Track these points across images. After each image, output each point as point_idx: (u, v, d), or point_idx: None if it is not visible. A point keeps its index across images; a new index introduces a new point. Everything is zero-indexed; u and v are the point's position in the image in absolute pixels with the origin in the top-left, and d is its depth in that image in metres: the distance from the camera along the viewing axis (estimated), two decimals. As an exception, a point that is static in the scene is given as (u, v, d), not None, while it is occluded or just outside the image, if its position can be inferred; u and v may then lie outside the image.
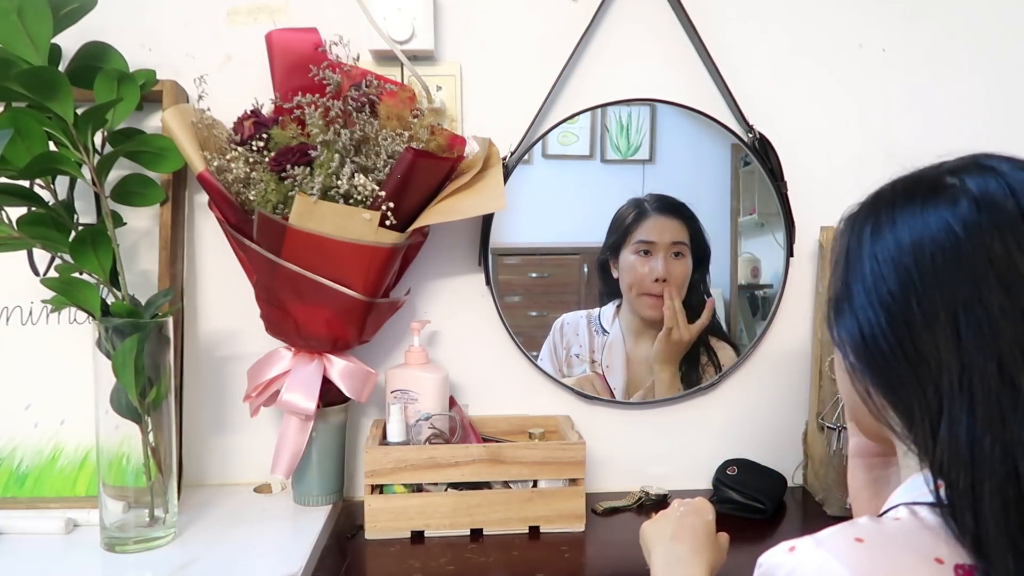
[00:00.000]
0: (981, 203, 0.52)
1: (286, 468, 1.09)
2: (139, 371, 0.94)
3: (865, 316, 0.55)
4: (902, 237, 0.54)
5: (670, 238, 1.19)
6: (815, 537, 0.51)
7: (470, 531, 1.05)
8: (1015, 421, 0.47)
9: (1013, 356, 0.48)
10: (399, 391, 1.11)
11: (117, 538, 0.97)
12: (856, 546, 0.49)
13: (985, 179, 0.53)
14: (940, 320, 0.51)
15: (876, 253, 0.55)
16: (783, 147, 1.19)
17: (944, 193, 0.54)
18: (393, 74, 1.13)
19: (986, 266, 0.50)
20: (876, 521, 0.52)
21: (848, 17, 1.22)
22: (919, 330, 0.52)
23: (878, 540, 0.49)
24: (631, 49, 1.20)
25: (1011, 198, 0.52)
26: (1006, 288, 0.50)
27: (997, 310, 0.49)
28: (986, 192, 0.53)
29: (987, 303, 0.50)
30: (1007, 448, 0.47)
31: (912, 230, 0.54)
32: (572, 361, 1.21)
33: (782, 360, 1.25)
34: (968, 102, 1.24)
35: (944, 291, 0.51)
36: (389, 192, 0.99)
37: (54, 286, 0.98)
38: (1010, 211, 0.52)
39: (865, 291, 0.56)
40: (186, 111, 1.06)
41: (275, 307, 1.07)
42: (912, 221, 0.54)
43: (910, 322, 0.52)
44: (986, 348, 0.49)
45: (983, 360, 0.49)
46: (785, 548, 0.52)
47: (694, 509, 0.81)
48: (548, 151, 1.19)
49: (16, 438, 1.08)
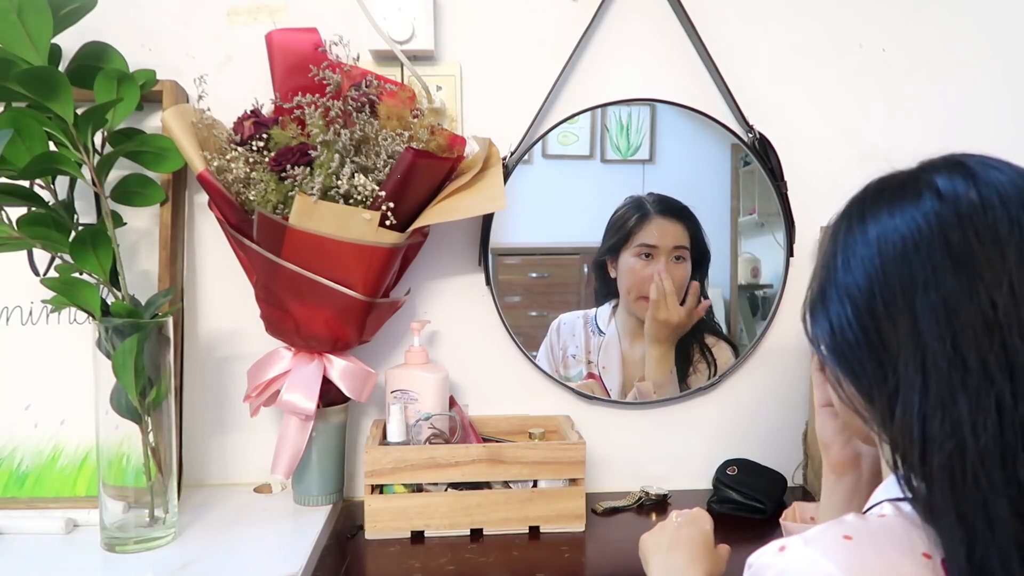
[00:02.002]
0: (945, 196, 0.54)
1: (286, 468, 1.09)
2: (139, 371, 0.94)
3: (835, 310, 0.57)
4: (870, 234, 0.56)
5: (672, 242, 1.19)
6: (803, 536, 0.51)
7: (470, 531, 1.05)
8: (964, 399, 0.49)
9: (966, 337, 0.50)
10: (399, 391, 1.11)
11: (117, 538, 0.97)
12: (845, 544, 0.49)
13: (952, 175, 0.55)
14: (899, 306, 0.53)
15: (847, 252, 0.57)
16: (783, 147, 1.19)
17: (911, 190, 0.56)
18: (393, 74, 1.14)
19: (943, 252, 0.52)
20: (862, 518, 0.53)
21: (848, 17, 1.22)
22: (881, 318, 0.54)
23: (866, 537, 0.50)
24: (631, 49, 1.19)
25: (973, 189, 0.53)
26: (961, 273, 0.51)
27: (951, 294, 0.51)
28: (950, 186, 0.54)
29: (943, 288, 0.51)
30: (956, 424, 0.49)
31: (879, 226, 0.56)
32: (569, 362, 1.21)
33: (782, 360, 1.25)
34: (968, 102, 1.24)
35: (903, 278, 0.53)
36: (389, 192, 0.99)
37: (54, 286, 0.98)
38: (971, 201, 0.53)
39: (836, 288, 0.58)
40: (186, 111, 1.06)
41: (275, 307, 1.07)
42: (880, 218, 0.56)
43: (873, 311, 0.54)
44: (941, 330, 0.50)
45: (937, 342, 0.50)
46: (774, 548, 0.52)
47: (691, 519, 0.82)
48: (548, 151, 1.19)
49: (16, 438, 1.08)
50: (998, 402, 0.48)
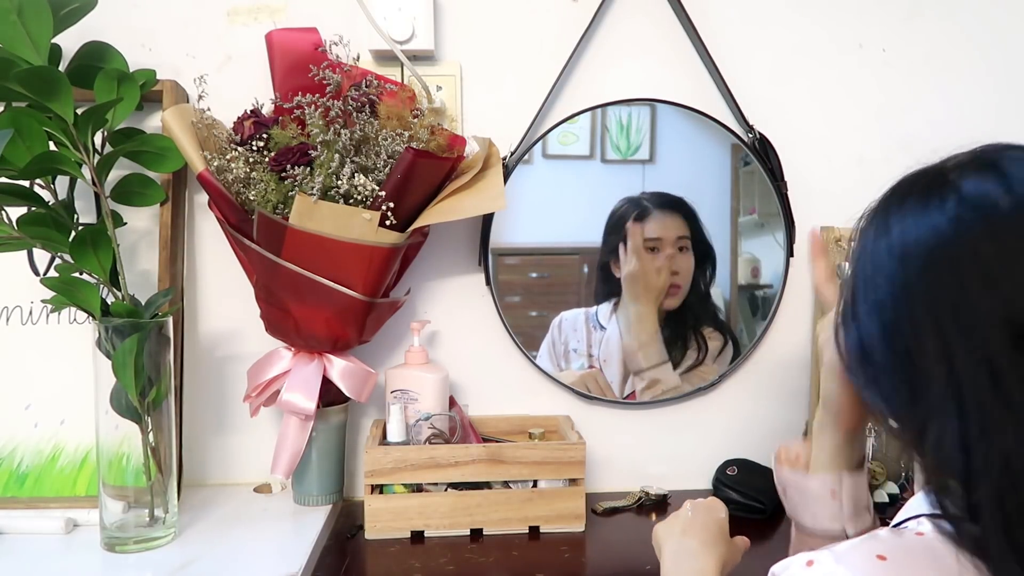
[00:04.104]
0: (972, 202, 0.49)
1: (286, 468, 1.09)
2: (139, 371, 0.95)
3: (863, 327, 0.54)
4: (895, 242, 0.52)
5: (675, 233, 1.20)
6: (834, 551, 0.49)
7: (470, 531, 1.05)
8: (1013, 431, 0.45)
9: (1001, 363, 0.46)
10: (399, 391, 1.11)
11: (117, 538, 0.97)
12: (879, 564, 0.47)
13: (982, 175, 0.51)
14: (927, 327, 0.49)
15: (874, 261, 0.54)
16: (783, 147, 1.19)
17: (936, 193, 0.51)
18: (393, 74, 1.14)
19: (971, 267, 0.48)
20: (898, 535, 0.50)
21: (848, 17, 1.22)
22: (908, 338, 0.50)
23: (901, 558, 0.47)
24: (631, 49, 1.20)
25: (1004, 192, 0.49)
26: (992, 291, 0.47)
27: (982, 315, 0.47)
28: (979, 189, 0.50)
29: (973, 308, 0.47)
30: (1005, 457, 0.45)
31: (904, 234, 0.52)
32: (570, 356, 1.21)
33: (782, 360, 1.25)
34: (968, 102, 1.24)
35: (929, 296, 0.49)
36: (389, 192, 0.99)
37: (54, 286, 0.98)
38: (1002, 207, 0.48)
39: (864, 300, 0.54)
40: (186, 111, 1.06)
41: (275, 307, 1.07)
42: (905, 224, 0.52)
43: (900, 330, 0.51)
44: (975, 355, 0.47)
45: (972, 368, 0.47)
46: (802, 562, 0.50)
47: (706, 507, 0.80)
48: (548, 151, 1.19)
49: (16, 438, 1.07)
50: None
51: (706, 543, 0.74)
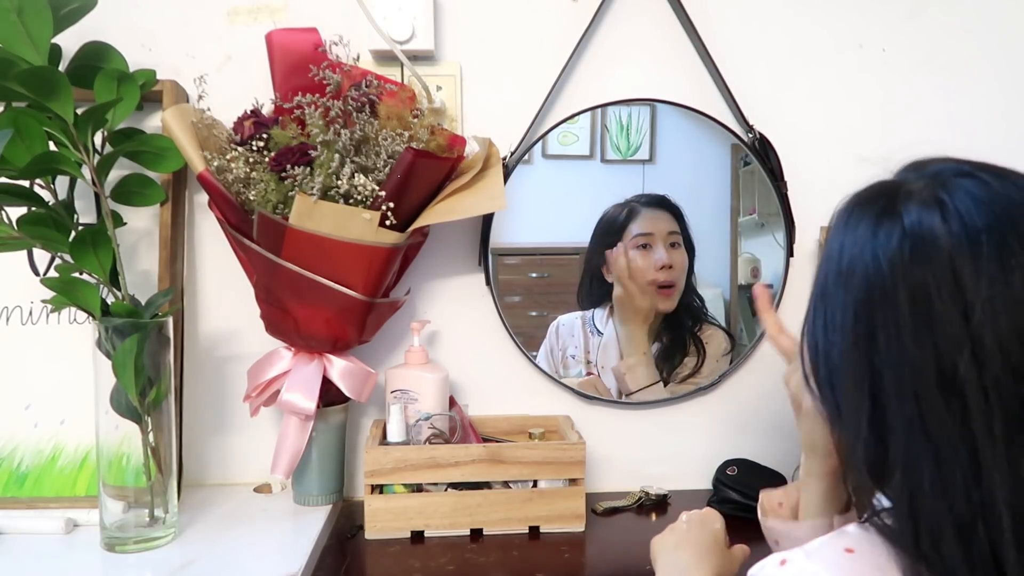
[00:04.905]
0: (910, 231, 0.50)
1: (286, 468, 1.09)
2: (139, 371, 0.94)
3: (811, 339, 0.57)
4: (843, 262, 0.54)
5: (666, 228, 1.19)
6: (805, 549, 0.51)
7: (470, 531, 1.05)
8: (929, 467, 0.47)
9: (927, 403, 0.48)
10: (399, 391, 1.11)
11: (117, 538, 0.97)
12: (847, 557, 0.49)
13: (924, 197, 0.51)
14: (856, 356, 0.51)
15: (826, 278, 0.56)
16: (783, 147, 1.19)
17: (885, 213, 0.52)
18: (393, 74, 1.13)
19: (904, 303, 0.49)
20: (865, 529, 0.52)
21: (848, 17, 1.22)
22: (841, 361, 0.53)
23: (868, 550, 0.50)
24: (631, 49, 1.19)
25: (941, 220, 0.49)
26: (921, 331, 0.48)
27: (911, 355, 0.48)
28: (918, 218, 0.50)
29: (901, 347, 0.49)
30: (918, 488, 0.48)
31: (851, 256, 0.53)
32: (568, 362, 1.21)
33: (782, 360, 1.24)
34: (968, 102, 1.24)
35: (866, 326, 0.51)
36: (389, 192, 0.99)
37: (54, 286, 0.98)
38: (936, 239, 0.48)
39: (816, 314, 0.57)
40: (186, 111, 1.06)
41: (275, 307, 1.07)
42: (855, 242, 0.53)
43: (837, 353, 0.53)
44: (901, 391, 0.49)
45: (895, 401, 0.49)
46: (776, 561, 0.51)
47: (700, 520, 0.81)
48: (548, 151, 1.19)
49: (16, 438, 1.07)
50: (963, 479, 0.46)
51: (699, 557, 0.75)
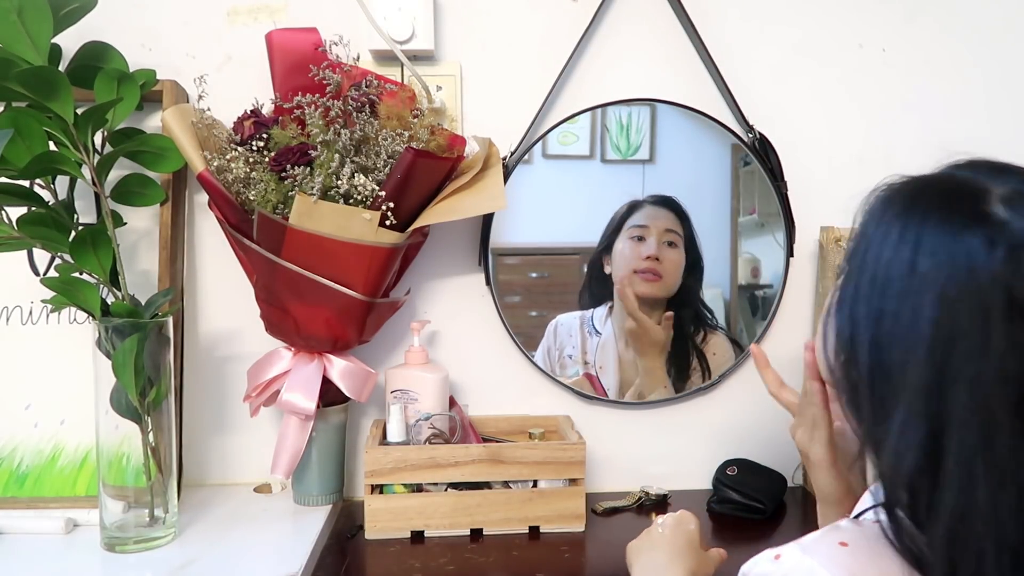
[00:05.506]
0: (1012, 237, 0.46)
1: (286, 468, 1.09)
2: (139, 371, 0.94)
3: (859, 330, 0.52)
4: (916, 258, 0.48)
5: (664, 224, 1.19)
6: (799, 544, 0.51)
7: (470, 531, 1.05)
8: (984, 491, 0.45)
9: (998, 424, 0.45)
10: (399, 391, 1.11)
11: (117, 538, 0.97)
12: (841, 551, 0.49)
13: (1021, 202, 0.47)
14: (925, 358, 0.47)
15: (888, 267, 0.50)
16: (783, 147, 1.19)
17: (968, 211, 0.48)
18: (393, 74, 1.14)
19: (1003, 317, 0.45)
20: (857, 523, 0.53)
21: (848, 17, 1.22)
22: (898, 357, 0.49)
23: (862, 543, 0.50)
24: (631, 49, 1.20)
25: None
26: (1016, 343, 0.45)
27: (998, 372, 0.45)
28: (1020, 223, 0.46)
29: (989, 361, 0.45)
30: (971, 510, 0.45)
31: (934, 255, 0.48)
32: (565, 362, 1.21)
33: (782, 360, 1.23)
34: (968, 102, 1.24)
35: (942, 328, 0.47)
36: (389, 192, 0.99)
37: (54, 286, 0.98)
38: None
39: (867, 303, 0.51)
40: (186, 111, 1.06)
41: (275, 307, 1.07)
42: (931, 243, 0.48)
43: (893, 347, 0.49)
44: (972, 404, 0.45)
45: (966, 416, 0.45)
46: (770, 556, 0.52)
47: (675, 521, 0.81)
48: (548, 151, 1.19)
49: (16, 438, 1.07)
50: (1019, 503, 0.44)
51: (673, 556, 0.76)
